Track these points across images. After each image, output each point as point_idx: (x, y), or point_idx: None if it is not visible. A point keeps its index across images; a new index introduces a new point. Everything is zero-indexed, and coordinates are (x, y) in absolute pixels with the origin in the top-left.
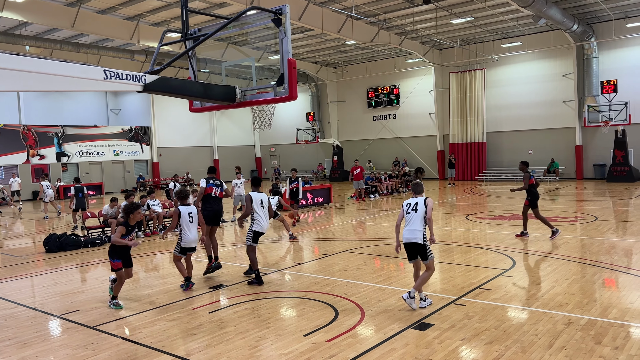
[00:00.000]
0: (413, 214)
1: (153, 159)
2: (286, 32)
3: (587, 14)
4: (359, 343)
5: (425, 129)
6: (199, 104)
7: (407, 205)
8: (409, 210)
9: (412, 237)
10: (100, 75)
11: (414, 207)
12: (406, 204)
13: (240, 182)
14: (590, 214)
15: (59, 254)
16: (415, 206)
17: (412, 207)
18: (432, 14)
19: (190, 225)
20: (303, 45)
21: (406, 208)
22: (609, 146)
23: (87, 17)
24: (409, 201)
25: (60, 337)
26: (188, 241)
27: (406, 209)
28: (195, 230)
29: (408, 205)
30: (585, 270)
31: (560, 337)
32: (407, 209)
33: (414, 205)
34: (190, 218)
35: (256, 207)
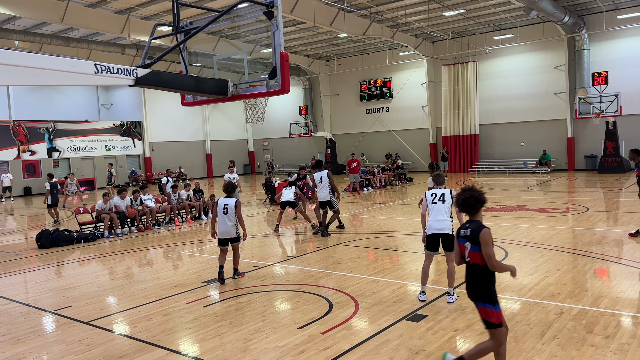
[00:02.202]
0: (440, 205)
1: (145, 154)
2: (278, 24)
3: (578, 6)
4: (353, 335)
5: (418, 121)
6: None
7: (432, 195)
8: (435, 200)
9: (442, 227)
10: (91, 70)
11: (440, 197)
12: (431, 194)
13: (233, 177)
14: (582, 205)
15: (51, 250)
16: (442, 197)
17: (439, 197)
18: (424, 6)
19: (223, 217)
20: (295, 38)
21: (431, 198)
22: (600, 138)
23: (77, 11)
24: (433, 191)
25: (55, 332)
26: (219, 232)
27: (431, 199)
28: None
29: (434, 196)
30: (576, 260)
31: (552, 327)
32: (433, 199)
33: (441, 196)
34: (224, 210)
35: (317, 183)
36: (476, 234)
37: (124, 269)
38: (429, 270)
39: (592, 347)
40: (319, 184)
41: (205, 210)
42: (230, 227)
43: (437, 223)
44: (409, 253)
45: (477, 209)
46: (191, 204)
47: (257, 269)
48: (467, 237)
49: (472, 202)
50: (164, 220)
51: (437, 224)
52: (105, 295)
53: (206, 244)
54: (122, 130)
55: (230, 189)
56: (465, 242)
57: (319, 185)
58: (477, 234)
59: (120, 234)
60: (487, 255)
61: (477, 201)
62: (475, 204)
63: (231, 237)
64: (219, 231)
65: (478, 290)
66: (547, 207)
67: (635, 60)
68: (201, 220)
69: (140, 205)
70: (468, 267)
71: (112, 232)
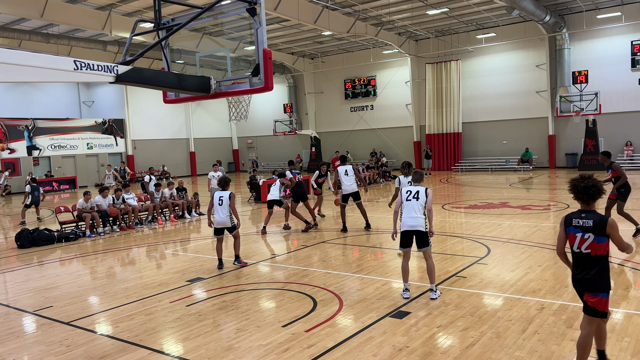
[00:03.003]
0: (414, 202)
1: (128, 152)
2: (261, 22)
3: (559, 6)
4: (338, 332)
5: (402, 120)
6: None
7: (407, 192)
8: (409, 197)
9: (415, 224)
10: (71, 66)
11: (415, 195)
12: (406, 192)
13: (217, 175)
14: (563, 202)
15: (31, 250)
16: (417, 194)
17: (413, 195)
18: (408, 4)
19: (218, 208)
20: (279, 35)
21: (406, 195)
22: (580, 135)
23: (57, 7)
24: (408, 189)
25: (35, 333)
26: (215, 222)
27: (406, 196)
28: (221, 212)
29: (408, 193)
30: (557, 256)
31: (533, 322)
32: (407, 196)
33: (415, 194)
34: (219, 201)
35: (342, 176)
36: (602, 225)
37: (106, 268)
38: (408, 267)
39: (571, 342)
40: (345, 177)
41: (189, 208)
42: (225, 218)
43: (410, 220)
44: (393, 250)
45: (595, 199)
46: (174, 202)
47: (240, 267)
48: (589, 229)
49: (594, 192)
50: (147, 219)
51: (410, 221)
52: (86, 295)
53: (189, 242)
54: (104, 128)
55: (224, 183)
56: (583, 233)
57: (344, 179)
58: (604, 224)
59: (102, 233)
60: (619, 242)
61: (599, 191)
62: (596, 194)
63: (227, 227)
64: (215, 221)
65: (601, 281)
66: (529, 204)
67: (614, 60)
68: (184, 219)
69: (122, 204)
70: (586, 258)
71: (94, 231)
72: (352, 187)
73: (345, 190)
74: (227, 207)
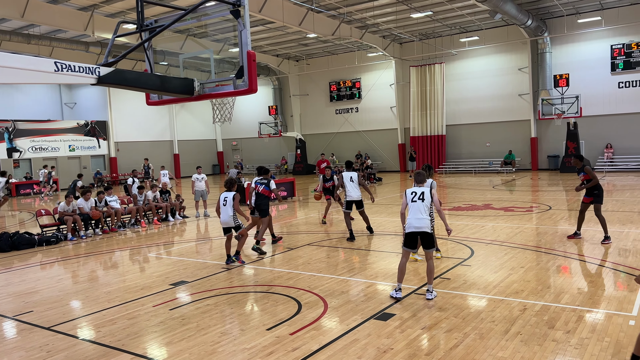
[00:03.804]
0: (419, 203)
1: (111, 154)
2: (245, 24)
3: (540, 10)
4: (322, 335)
5: (387, 122)
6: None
7: (411, 193)
8: (414, 199)
9: (422, 225)
10: (51, 67)
11: (420, 196)
12: (410, 193)
13: (201, 177)
14: (545, 204)
15: (11, 254)
16: (422, 195)
17: (419, 196)
18: (392, 7)
19: (223, 208)
20: (264, 37)
21: (411, 196)
22: (561, 138)
23: (38, 7)
24: (413, 190)
25: (14, 338)
26: (220, 222)
27: (411, 197)
28: (224, 213)
29: (413, 194)
30: (540, 257)
31: (516, 323)
32: (413, 197)
33: (420, 195)
34: (224, 202)
35: (347, 182)
36: None
37: (88, 272)
38: (405, 267)
39: (553, 342)
40: (350, 184)
41: (172, 211)
42: (228, 218)
43: (416, 221)
44: (378, 252)
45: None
46: (158, 205)
47: (225, 270)
48: None
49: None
50: (130, 222)
51: (416, 222)
52: (67, 300)
53: (173, 245)
54: (86, 130)
55: (229, 185)
56: None
57: (349, 185)
58: None
59: (84, 236)
60: None
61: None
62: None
63: (232, 226)
64: (221, 221)
65: None
66: (512, 205)
67: (594, 63)
68: (168, 222)
69: (105, 206)
70: None
71: (76, 234)
72: (357, 194)
73: (350, 197)
74: (230, 208)
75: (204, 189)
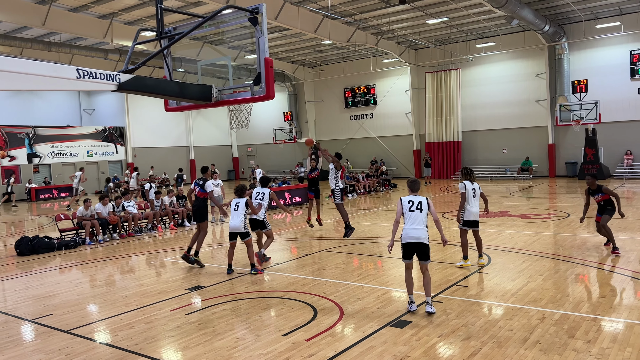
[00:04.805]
0: (417, 213)
1: (128, 160)
2: (263, 31)
3: (558, 15)
4: (338, 342)
5: (402, 128)
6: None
7: (408, 202)
8: (412, 208)
9: (419, 236)
10: (73, 75)
11: (417, 206)
12: (407, 202)
13: (217, 183)
14: (563, 211)
15: (31, 257)
16: (420, 205)
17: (416, 205)
18: (408, 14)
19: (234, 213)
20: (280, 44)
21: (408, 205)
22: (580, 144)
23: (59, 15)
24: (409, 199)
25: (34, 341)
26: (229, 227)
27: (408, 206)
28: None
29: (410, 203)
30: (558, 265)
31: (534, 332)
32: (410, 206)
33: (418, 204)
34: (235, 207)
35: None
36: None
37: (106, 276)
38: (412, 278)
39: (573, 352)
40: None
41: (188, 216)
42: (239, 223)
43: (414, 232)
44: (394, 259)
45: None
46: (174, 210)
47: (240, 275)
48: None
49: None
50: (147, 226)
51: (414, 233)
52: (86, 303)
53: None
54: (104, 135)
55: (240, 191)
56: None
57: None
58: None
59: (102, 241)
60: None
61: None
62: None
63: (240, 232)
64: (229, 226)
65: None
66: (529, 213)
67: (613, 69)
68: (184, 227)
69: (122, 211)
70: None
71: (94, 238)
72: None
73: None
74: (242, 214)
75: (220, 195)
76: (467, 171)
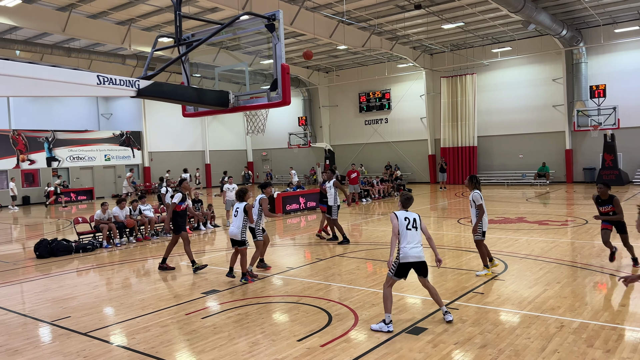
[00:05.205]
0: (414, 232)
1: (144, 164)
2: (279, 37)
3: (575, 20)
4: (353, 348)
5: (417, 133)
6: (192, 108)
7: (405, 220)
8: (409, 226)
9: (422, 255)
10: (94, 81)
11: (413, 223)
12: (404, 219)
13: (232, 187)
14: (581, 217)
15: (49, 260)
16: (415, 223)
17: (412, 223)
18: (423, 19)
19: (234, 219)
20: (295, 50)
21: (405, 223)
22: (598, 150)
23: (78, 22)
24: (406, 215)
25: (52, 344)
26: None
27: (405, 224)
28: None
29: (407, 221)
30: (576, 273)
31: (552, 341)
32: (407, 224)
33: (413, 222)
34: (235, 212)
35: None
36: None
37: (122, 279)
38: (391, 295)
39: None
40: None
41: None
42: (236, 230)
43: (415, 251)
44: None
45: None
46: (190, 214)
47: (255, 280)
48: None
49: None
50: (163, 230)
51: (415, 252)
52: (103, 306)
53: (205, 254)
54: (121, 140)
55: (239, 196)
56: None
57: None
58: None
59: (119, 244)
60: None
61: None
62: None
63: (236, 240)
64: (229, 232)
65: None
66: (546, 219)
67: (633, 74)
68: (200, 231)
69: (139, 215)
70: None
71: (111, 242)
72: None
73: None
74: (241, 219)
75: (235, 199)
76: (477, 180)
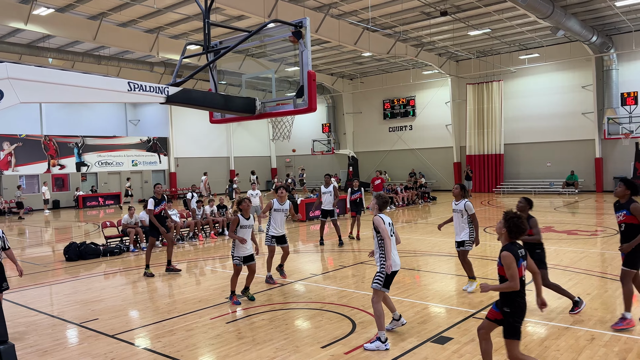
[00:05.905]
0: (393, 238)
1: (170, 169)
2: (306, 44)
3: (606, 26)
4: (377, 355)
5: (442, 140)
6: (219, 115)
7: (389, 225)
8: (391, 233)
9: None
10: (125, 87)
11: (392, 229)
12: (389, 224)
13: (255, 193)
14: (611, 228)
15: (78, 263)
16: (393, 228)
17: (392, 229)
18: (449, 25)
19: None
20: (319, 57)
21: (389, 229)
22: (629, 158)
23: (109, 30)
24: (388, 220)
25: (80, 345)
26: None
27: (389, 229)
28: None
29: (390, 227)
30: (606, 285)
31: (583, 353)
32: (390, 230)
33: (392, 227)
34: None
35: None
36: None
37: (148, 283)
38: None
39: None
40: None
41: (228, 225)
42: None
43: (398, 258)
44: (433, 273)
45: None
46: (215, 219)
47: (279, 286)
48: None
49: None
50: (188, 235)
51: (398, 259)
52: (129, 309)
53: (229, 259)
54: (148, 145)
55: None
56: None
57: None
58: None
59: (145, 248)
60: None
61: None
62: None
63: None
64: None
65: None
66: (575, 229)
67: None
68: (224, 236)
69: None
70: None
71: (137, 246)
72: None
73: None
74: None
75: (258, 205)
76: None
